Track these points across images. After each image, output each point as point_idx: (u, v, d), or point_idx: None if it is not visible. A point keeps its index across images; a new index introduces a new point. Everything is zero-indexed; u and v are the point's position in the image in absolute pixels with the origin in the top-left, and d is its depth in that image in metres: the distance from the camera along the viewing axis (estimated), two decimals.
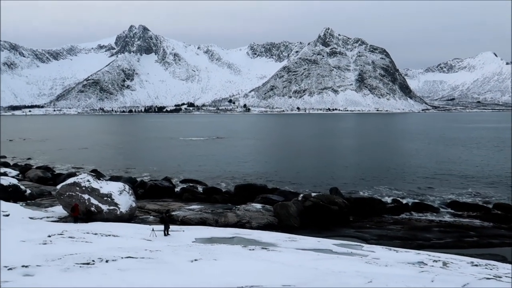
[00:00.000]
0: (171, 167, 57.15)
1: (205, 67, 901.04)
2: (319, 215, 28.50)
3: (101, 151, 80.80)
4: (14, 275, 11.67)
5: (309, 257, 17.19)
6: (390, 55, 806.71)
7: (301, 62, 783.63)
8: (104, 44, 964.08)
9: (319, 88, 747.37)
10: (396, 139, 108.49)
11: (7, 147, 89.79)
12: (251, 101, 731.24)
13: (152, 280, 11.84)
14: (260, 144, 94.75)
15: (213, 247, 18.83)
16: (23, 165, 57.03)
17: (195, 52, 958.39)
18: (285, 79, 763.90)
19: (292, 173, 50.97)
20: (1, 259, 13.81)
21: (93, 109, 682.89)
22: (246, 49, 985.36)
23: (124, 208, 28.30)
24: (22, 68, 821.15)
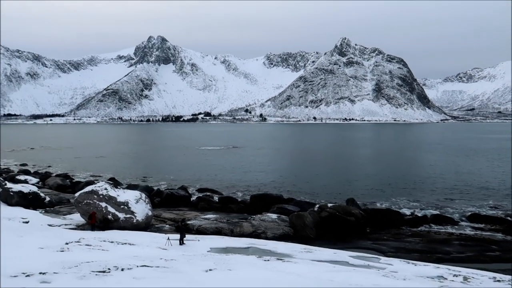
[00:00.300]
0: (187, 176, 57.46)
1: (222, 77, 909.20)
2: (335, 226, 28.13)
3: (119, 159, 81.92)
4: (31, 282, 11.83)
5: (325, 269, 16.93)
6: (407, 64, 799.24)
7: (317, 72, 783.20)
8: (123, 55, 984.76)
9: (335, 98, 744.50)
10: (414, 149, 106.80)
11: (28, 155, 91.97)
12: (267, 111, 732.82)
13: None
14: (276, 154, 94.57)
15: (228, 257, 18.75)
16: (43, 172, 58.16)
17: (212, 62, 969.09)
18: (301, 88, 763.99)
19: (308, 183, 50.60)
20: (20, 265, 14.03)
21: (112, 118, 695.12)
22: (262, 59, 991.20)
23: (140, 216, 28.50)
24: (44, 78, 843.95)
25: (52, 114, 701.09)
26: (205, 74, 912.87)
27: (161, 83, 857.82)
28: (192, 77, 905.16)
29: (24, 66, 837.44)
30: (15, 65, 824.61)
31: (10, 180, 45.61)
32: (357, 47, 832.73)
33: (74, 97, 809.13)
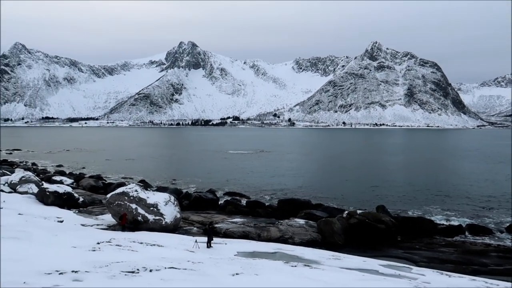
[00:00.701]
0: (215, 179, 57.89)
1: (251, 82, 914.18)
2: (365, 233, 27.49)
3: (149, 162, 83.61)
4: (64, 280, 12.15)
5: (353, 277, 16.53)
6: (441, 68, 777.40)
7: (347, 76, 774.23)
8: (155, 60, 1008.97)
9: (366, 102, 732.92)
10: (448, 156, 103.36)
11: (64, 156, 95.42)
12: (296, 115, 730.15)
13: None
14: (304, 159, 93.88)
15: (255, 261, 18.64)
16: (77, 174, 60.07)
17: (241, 67, 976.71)
18: (330, 93, 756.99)
19: (336, 189, 49.85)
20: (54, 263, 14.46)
21: (143, 121, 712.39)
22: (291, 64, 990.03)
23: (169, 218, 28.87)
24: (80, 83, 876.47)
25: (87, 118, 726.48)
26: (234, 79, 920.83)
27: (191, 88, 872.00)
28: (221, 81, 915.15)
29: (61, 71, 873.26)
30: (54, 70, 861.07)
31: (47, 181, 47.40)
32: (389, 51, 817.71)
33: (107, 101, 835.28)
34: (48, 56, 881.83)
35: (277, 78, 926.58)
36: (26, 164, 72.14)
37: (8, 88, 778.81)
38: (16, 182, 40.51)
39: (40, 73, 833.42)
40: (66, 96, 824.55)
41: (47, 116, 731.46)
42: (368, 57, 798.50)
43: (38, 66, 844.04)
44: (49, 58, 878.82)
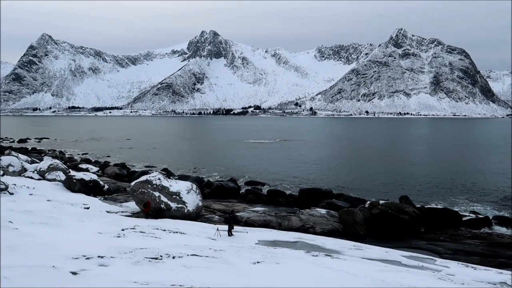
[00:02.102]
0: (236, 168, 58.23)
1: (272, 70, 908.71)
2: (387, 224, 27.16)
3: (172, 151, 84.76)
4: (91, 265, 12.54)
5: (375, 268, 16.40)
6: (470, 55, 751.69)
7: (371, 64, 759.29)
8: (177, 49, 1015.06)
9: (389, 91, 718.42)
10: (475, 146, 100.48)
11: (90, 145, 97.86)
12: (318, 104, 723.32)
13: (215, 279, 12.02)
14: (326, 148, 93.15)
15: (276, 250, 18.74)
16: (102, 162, 61.51)
17: (263, 56, 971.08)
18: (353, 82, 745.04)
19: (359, 179, 49.35)
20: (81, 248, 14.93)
21: (165, 111, 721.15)
22: (313, 52, 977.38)
23: (191, 206, 29.28)
24: (104, 73, 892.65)
25: (111, 107, 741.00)
26: (255, 68, 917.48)
27: (213, 77, 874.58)
28: (242, 70, 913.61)
29: (87, 62, 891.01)
30: (79, 60, 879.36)
31: (74, 169, 48.77)
32: (414, 38, 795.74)
33: (131, 90, 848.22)
34: (73, 47, 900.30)
35: (299, 66, 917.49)
36: (54, 152, 74.33)
37: (36, 78, 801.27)
38: (45, 170, 41.84)
39: (66, 63, 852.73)
40: (91, 86, 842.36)
41: (73, 106, 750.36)
42: (392, 45, 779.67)
43: (64, 57, 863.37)
44: (74, 49, 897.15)
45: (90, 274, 11.32)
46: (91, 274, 11.28)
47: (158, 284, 10.84)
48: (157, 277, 11.69)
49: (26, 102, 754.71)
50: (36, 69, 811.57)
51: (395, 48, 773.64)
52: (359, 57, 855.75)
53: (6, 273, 10.25)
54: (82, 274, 11.16)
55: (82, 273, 11.20)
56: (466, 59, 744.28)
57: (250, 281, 12.26)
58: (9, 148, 71.24)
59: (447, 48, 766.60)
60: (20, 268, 10.96)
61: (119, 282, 10.77)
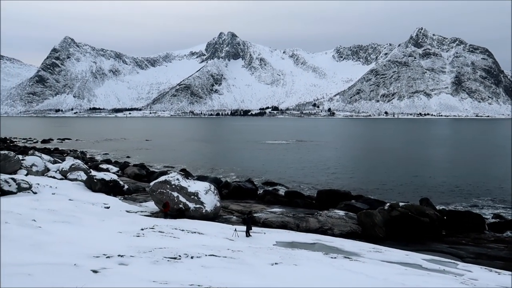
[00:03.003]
0: (254, 169, 58.26)
1: (290, 71, 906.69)
2: (407, 226, 26.67)
3: (190, 151, 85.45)
4: (111, 263, 12.73)
5: (395, 271, 16.12)
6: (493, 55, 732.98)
7: (390, 64, 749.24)
8: (195, 51, 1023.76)
9: (409, 91, 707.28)
10: (499, 147, 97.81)
11: (110, 145, 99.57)
12: (336, 105, 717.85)
13: (233, 280, 12.04)
14: (344, 149, 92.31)
15: (294, 252, 18.65)
16: (122, 162, 62.44)
17: (281, 57, 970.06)
18: (372, 82, 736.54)
19: (378, 181, 48.69)
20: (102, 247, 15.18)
21: (184, 112, 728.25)
22: (332, 52, 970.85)
23: (209, 207, 29.44)
24: (124, 75, 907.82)
25: (131, 108, 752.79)
26: (273, 69, 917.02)
27: (231, 78, 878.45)
28: (260, 71, 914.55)
29: (107, 64, 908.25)
30: (100, 63, 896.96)
31: (95, 169, 49.70)
32: (435, 38, 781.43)
33: (150, 92, 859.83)
34: (95, 49, 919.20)
35: (317, 67, 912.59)
36: (76, 153, 75.90)
37: (59, 80, 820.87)
38: (67, 170, 42.76)
39: (88, 65, 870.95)
40: (111, 88, 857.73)
41: (94, 107, 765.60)
42: (412, 44, 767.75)
43: (85, 59, 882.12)
44: (95, 51, 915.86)
45: (111, 272, 11.49)
46: (111, 273, 11.45)
47: (176, 283, 10.92)
48: (175, 276, 11.78)
49: (49, 103, 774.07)
50: (58, 72, 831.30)
51: (415, 47, 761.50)
52: (378, 57, 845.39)
53: (30, 270, 10.50)
54: (103, 272, 11.34)
55: (103, 272, 11.39)
56: (489, 58, 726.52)
57: (268, 282, 12.23)
58: (33, 148, 73.12)
59: (469, 47, 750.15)
60: (43, 265, 11.21)
61: (139, 281, 10.90)
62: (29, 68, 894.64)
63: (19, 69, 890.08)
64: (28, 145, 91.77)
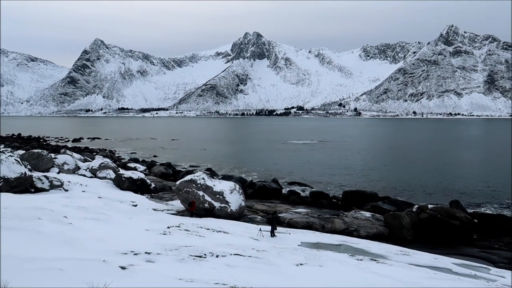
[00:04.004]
0: (278, 169, 58.13)
1: (316, 71, 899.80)
2: (436, 229, 25.95)
3: (215, 151, 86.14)
4: (138, 260, 12.99)
5: (423, 275, 15.73)
6: None
7: (419, 63, 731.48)
8: (221, 51, 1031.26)
9: (439, 91, 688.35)
10: None
11: (137, 144, 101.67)
12: (362, 105, 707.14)
13: (258, 280, 12.04)
14: (371, 150, 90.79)
15: (319, 253, 18.49)
16: (149, 161, 63.61)
17: (306, 56, 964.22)
18: (400, 81, 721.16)
19: (406, 182, 47.63)
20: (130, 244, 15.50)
21: (209, 112, 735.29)
22: (358, 51, 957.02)
23: (234, 206, 29.58)
24: (152, 75, 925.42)
25: (158, 108, 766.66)
26: (298, 68, 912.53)
27: (256, 78, 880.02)
28: (285, 71, 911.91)
29: (135, 65, 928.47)
30: (128, 64, 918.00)
31: (123, 167, 50.87)
32: (467, 35, 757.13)
33: (176, 92, 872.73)
34: (123, 51, 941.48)
35: (343, 66, 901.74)
36: (105, 152, 77.96)
37: (89, 81, 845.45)
38: (96, 168, 43.96)
39: (117, 66, 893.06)
40: (139, 88, 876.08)
41: (123, 107, 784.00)
42: (443, 42, 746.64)
43: (114, 60, 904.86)
44: (124, 53, 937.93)
45: (138, 269, 11.72)
46: (138, 269, 11.68)
47: (202, 282, 11.02)
48: (201, 275, 11.90)
49: (79, 104, 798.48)
50: (89, 73, 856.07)
51: (446, 45, 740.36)
52: (406, 56, 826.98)
53: (61, 265, 10.85)
54: (131, 269, 11.58)
55: (131, 268, 11.63)
56: None
57: (293, 283, 12.17)
58: (64, 147, 75.60)
59: (503, 44, 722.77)
60: (73, 260, 11.56)
61: (165, 278, 11.06)
62: (61, 70, 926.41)
63: (52, 70, 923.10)
64: (60, 144, 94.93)
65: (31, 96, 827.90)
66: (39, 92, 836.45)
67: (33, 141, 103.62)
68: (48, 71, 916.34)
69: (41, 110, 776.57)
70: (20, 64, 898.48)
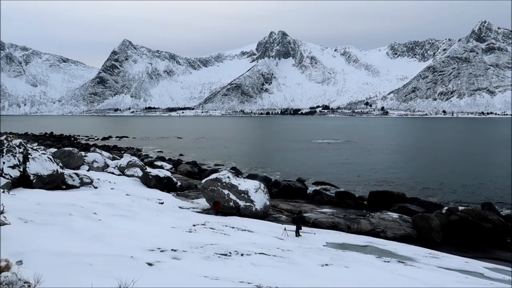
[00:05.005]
0: (303, 168, 57.76)
1: (342, 69, 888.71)
2: (467, 232, 25.15)
3: (240, 150, 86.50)
4: (165, 257, 13.19)
5: (453, 279, 15.26)
6: None
7: (449, 60, 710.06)
8: (246, 51, 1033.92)
9: (470, 89, 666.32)
10: None
11: (164, 143, 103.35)
12: (390, 104, 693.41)
13: (283, 279, 11.99)
14: (398, 150, 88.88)
15: (345, 253, 18.25)
16: (175, 160, 64.56)
17: (332, 55, 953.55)
18: (429, 79, 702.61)
19: (435, 183, 46.36)
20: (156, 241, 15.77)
21: (234, 111, 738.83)
22: (385, 49, 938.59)
23: (259, 205, 29.61)
24: (178, 75, 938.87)
25: (184, 107, 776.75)
26: (324, 67, 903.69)
27: (281, 77, 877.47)
28: (311, 70, 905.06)
29: (162, 65, 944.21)
30: (155, 64, 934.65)
31: (150, 166, 51.81)
32: (500, 31, 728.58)
33: (202, 91, 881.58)
34: (150, 51, 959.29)
35: (369, 65, 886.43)
36: (132, 150, 79.65)
37: (118, 81, 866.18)
38: (124, 166, 44.96)
39: (144, 66, 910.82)
40: (166, 88, 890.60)
41: (150, 106, 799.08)
42: (474, 39, 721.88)
43: (142, 61, 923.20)
44: (151, 53, 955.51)
45: (164, 266, 11.90)
46: (165, 266, 11.86)
47: (227, 280, 11.07)
48: (226, 273, 11.96)
49: (108, 103, 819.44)
50: (117, 73, 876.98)
51: (478, 42, 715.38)
52: (436, 53, 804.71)
53: (91, 260, 11.14)
54: (157, 265, 11.77)
55: (157, 265, 11.82)
56: None
57: (318, 283, 12.05)
58: (94, 145, 77.72)
59: None
60: (102, 256, 11.85)
61: (191, 276, 11.18)
62: (91, 70, 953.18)
63: (83, 71, 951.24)
64: (90, 142, 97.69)
65: (62, 96, 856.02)
66: (70, 92, 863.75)
67: (64, 139, 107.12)
68: (79, 71, 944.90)
69: (72, 110, 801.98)
70: (53, 65, 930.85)
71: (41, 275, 8.06)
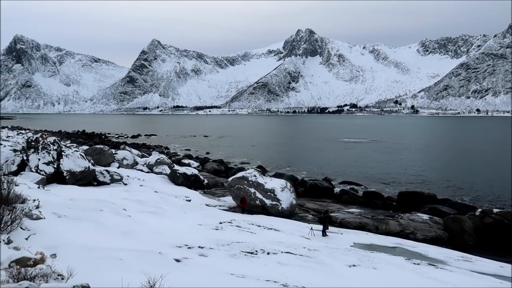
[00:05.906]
0: (331, 167, 57.14)
1: (370, 67, 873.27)
2: (503, 235, 24.15)
3: (266, 148, 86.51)
4: (192, 254, 13.34)
5: (488, 284, 14.72)
6: None
7: (484, 57, 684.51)
8: (273, 49, 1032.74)
9: (507, 87, 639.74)
10: None
11: (191, 141, 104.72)
12: (420, 102, 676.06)
13: (310, 279, 11.89)
14: (429, 149, 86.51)
15: (373, 254, 17.92)
16: (202, 158, 65.22)
17: (360, 52, 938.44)
18: (462, 77, 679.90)
19: (468, 184, 44.83)
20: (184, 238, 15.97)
21: (261, 109, 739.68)
22: (416, 46, 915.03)
23: (285, 204, 29.51)
24: (205, 74, 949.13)
25: (211, 106, 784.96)
26: (352, 65, 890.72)
27: (308, 75, 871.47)
28: (338, 68, 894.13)
29: (190, 64, 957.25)
30: (183, 63, 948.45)
31: (177, 163, 52.57)
32: None
33: (229, 90, 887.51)
34: (178, 50, 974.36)
35: (399, 62, 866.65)
36: (160, 148, 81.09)
37: (147, 80, 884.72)
38: (153, 164, 45.83)
39: (172, 66, 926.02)
40: (193, 86, 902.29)
41: (178, 105, 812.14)
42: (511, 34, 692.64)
43: (170, 60, 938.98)
44: (179, 52, 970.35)
45: (192, 262, 12.04)
46: (192, 263, 12.00)
47: (253, 278, 11.09)
48: (252, 271, 11.97)
49: (137, 102, 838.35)
50: (146, 72, 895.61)
51: None
52: (470, 50, 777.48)
53: (121, 255, 11.41)
54: (185, 262, 11.92)
55: (185, 261, 11.97)
56: None
57: (346, 284, 11.88)
58: (124, 143, 79.61)
59: None
60: (132, 251, 12.11)
61: (217, 273, 11.27)
62: (121, 70, 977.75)
63: (113, 70, 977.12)
64: (120, 140, 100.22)
65: (94, 95, 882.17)
66: (101, 91, 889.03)
67: (95, 137, 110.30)
68: (110, 71, 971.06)
69: (103, 108, 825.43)
70: (85, 65, 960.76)
71: (73, 268, 8.32)
